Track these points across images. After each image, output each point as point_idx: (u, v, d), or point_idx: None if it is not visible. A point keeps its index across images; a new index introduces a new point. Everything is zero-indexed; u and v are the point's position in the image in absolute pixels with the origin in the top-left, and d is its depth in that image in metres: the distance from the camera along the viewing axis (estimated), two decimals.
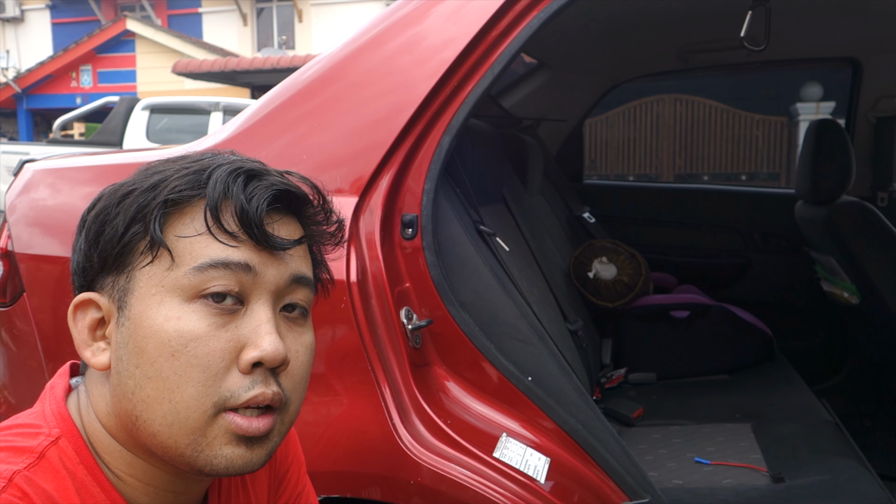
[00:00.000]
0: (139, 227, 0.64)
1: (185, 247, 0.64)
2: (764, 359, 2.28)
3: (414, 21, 1.26)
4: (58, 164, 1.49)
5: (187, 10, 17.99)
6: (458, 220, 1.28)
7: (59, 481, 0.62)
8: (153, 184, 0.66)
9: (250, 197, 0.65)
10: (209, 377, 0.62)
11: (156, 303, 0.64)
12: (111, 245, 0.65)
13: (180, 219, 0.65)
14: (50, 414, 0.67)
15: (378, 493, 1.10)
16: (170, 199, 0.64)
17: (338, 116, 1.23)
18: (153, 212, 0.64)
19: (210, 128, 8.32)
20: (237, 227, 0.64)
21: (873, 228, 2.05)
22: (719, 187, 3.74)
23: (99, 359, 0.66)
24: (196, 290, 0.63)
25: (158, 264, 0.64)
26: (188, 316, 0.63)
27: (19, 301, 1.37)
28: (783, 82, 9.74)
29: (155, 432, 0.63)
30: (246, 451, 0.64)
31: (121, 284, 0.65)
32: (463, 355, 1.18)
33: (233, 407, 0.63)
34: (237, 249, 0.64)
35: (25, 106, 16.65)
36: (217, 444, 0.63)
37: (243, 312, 0.65)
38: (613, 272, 2.28)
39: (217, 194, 0.64)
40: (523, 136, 2.35)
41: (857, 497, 1.43)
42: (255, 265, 0.65)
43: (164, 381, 0.62)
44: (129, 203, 0.65)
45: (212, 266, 0.63)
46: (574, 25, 2.29)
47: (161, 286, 0.64)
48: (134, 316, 0.64)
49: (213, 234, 0.64)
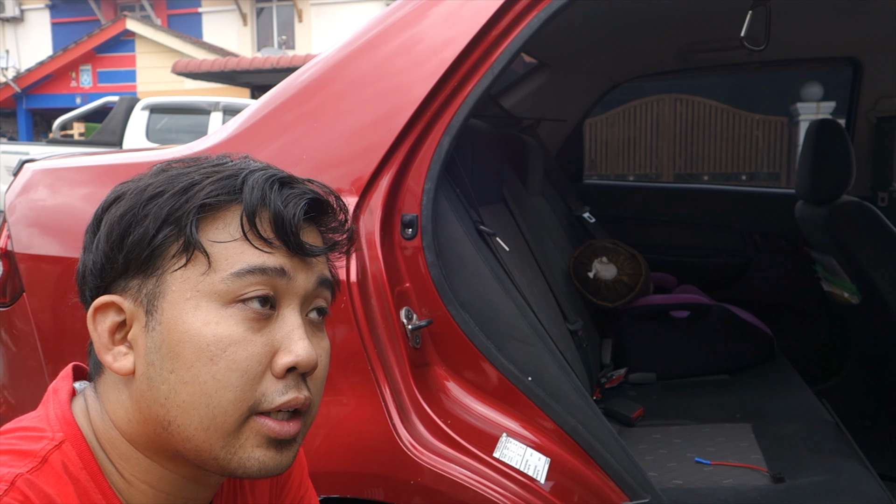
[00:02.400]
0: (171, 230, 0.64)
1: (220, 251, 0.64)
2: (764, 359, 2.28)
3: (413, 22, 1.26)
4: (57, 164, 1.48)
5: (187, 9, 17.99)
6: (458, 220, 1.28)
7: (61, 486, 0.62)
8: (184, 187, 0.65)
9: (286, 204, 0.66)
10: (247, 381, 0.63)
11: (191, 307, 0.63)
12: (140, 247, 0.64)
13: (213, 223, 0.65)
14: (54, 418, 0.66)
15: (378, 494, 1.10)
16: (206, 203, 0.64)
17: (337, 117, 1.23)
18: (188, 215, 0.64)
19: (210, 128, 8.32)
20: (272, 233, 0.65)
21: (873, 228, 2.05)
22: (719, 187, 3.74)
23: (122, 363, 0.65)
24: (234, 296, 0.64)
25: (192, 268, 0.64)
26: (226, 321, 0.63)
27: (19, 301, 1.37)
28: (783, 82, 9.74)
29: (190, 436, 0.63)
30: (276, 454, 0.65)
31: (149, 288, 0.65)
32: (463, 355, 1.18)
33: (265, 410, 0.64)
34: (272, 255, 0.65)
35: (25, 106, 16.65)
36: (249, 446, 0.64)
37: (275, 318, 0.66)
38: (613, 272, 2.28)
39: (254, 201, 0.65)
40: (523, 136, 2.34)
41: (857, 497, 1.43)
42: (289, 270, 0.66)
43: (201, 386, 0.63)
44: (161, 205, 0.64)
45: (250, 272, 0.64)
46: (574, 25, 2.29)
47: (196, 290, 0.64)
48: (167, 320, 0.64)
49: (249, 239, 0.65)
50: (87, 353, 0.73)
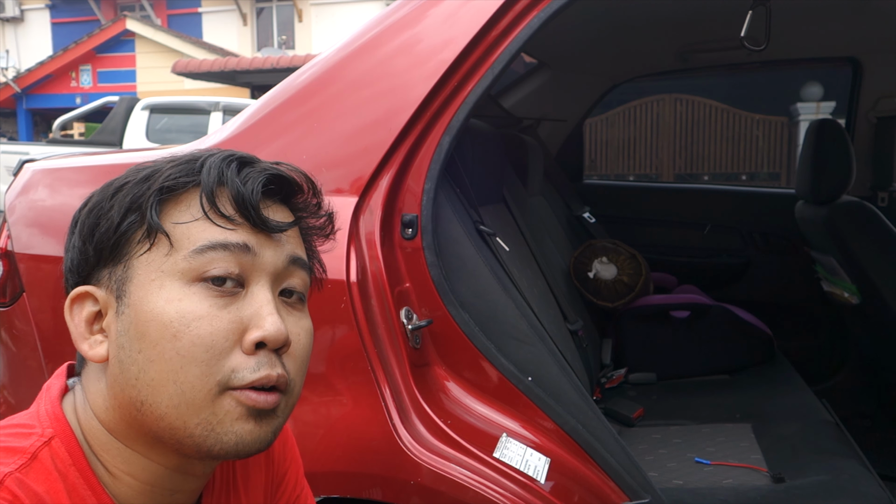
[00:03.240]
0: (135, 217, 0.65)
1: (182, 232, 0.65)
2: (764, 359, 2.28)
3: (413, 22, 1.26)
4: (57, 164, 1.48)
5: (187, 9, 17.99)
6: (458, 220, 1.28)
7: (50, 483, 0.62)
8: (146, 175, 0.67)
9: (245, 181, 0.66)
10: (213, 356, 0.63)
11: (156, 287, 0.64)
12: (107, 237, 0.66)
13: (175, 206, 0.66)
14: (44, 414, 0.67)
15: (378, 494, 1.10)
16: (165, 186, 0.65)
17: (337, 117, 1.23)
18: (148, 199, 0.65)
19: (210, 128, 8.32)
20: (234, 210, 0.66)
21: (873, 228, 2.05)
22: (719, 187, 3.74)
23: (97, 351, 0.67)
24: (196, 273, 0.64)
25: (156, 251, 0.65)
26: (189, 298, 0.64)
27: (19, 301, 1.37)
28: (783, 82, 9.74)
29: (162, 414, 0.63)
30: (255, 427, 0.65)
31: (118, 275, 0.66)
32: (463, 355, 1.18)
33: (238, 387, 0.64)
34: (234, 232, 0.66)
35: (25, 106, 16.65)
36: (228, 420, 0.64)
37: (244, 295, 0.66)
38: (613, 272, 2.27)
39: (212, 180, 0.66)
40: (523, 136, 2.34)
41: (857, 497, 1.43)
42: (253, 246, 0.66)
43: (167, 363, 0.63)
44: (123, 195, 0.66)
45: (211, 248, 0.64)
46: (574, 25, 2.29)
47: (160, 271, 0.64)
48: (134, 302, 0.65)
49: (210, 218, 0.65)
50: None
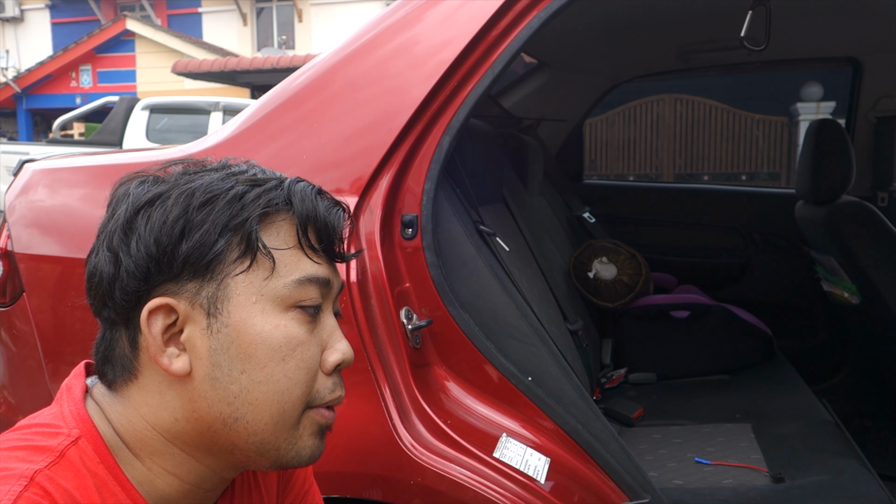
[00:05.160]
0: (231, 236, 0.67)
1: (279, 258, 0.69)
2: (764, 359, 2.28)
3: (412, 23, 1.26)
4: (57, 164, 1.48)
5: (187, 9, 17.99)
6: (458, 220, 1.28)
7: (79, 480, 0.62)
8: (237, 194, 0.68)
9: (328, 213, 0.72)
10: (311, 378, 0.69)
11: (258, 310, 0.67)
12: (200, 252, 0.66)
13: (266, 231, 0.69)
14: (69, 414, 0.67)
15: (378, 494, 1.10)
16: (267, 211, 0.68)
17: (337, 117, 1.23)
18: (251, 222, 0.67)
19: (210, 128, 8.32)
20: (318, 241, 0.71)
21: (873, 228, 2.05)
22: (719, 187, 3.74)
23: (178, 365, 0.67)
24: (293, 301, 0.69)
25: (255, 273, 0.68)
26: (290, 323, 0.68)
27: (19, 301, 1.37)
28: (783, 82, 9.74)
29: (258, 431, 0.68)
30: (321, 442, 0.72)
31: (210, 291, 0.67)
32: (463, 355, 1.18)
33: (316, 405, 0.71)
34: (321, 266, 0.71)
35: (25, 106, 16.64)
36: (305, 435, 0.70)
37: (318, 320, 0.72)
38: (613, 272, 2.27)
39: (306, 210, 0.70)
40: (523, 136, 2.34)
41: (857, 497, 1.43)
42: (331, 279, 0.72)
43: (275, 384, 0.67)
44: (217, 212, 0.67)
45: (309, 281, 0.69)
46: (574, 25, 2.29)
47: (261, 294, 0.68)
48: (235, 323, 0.67)
49: (303, 247, 0.70)
50: (88, 352, 0.73)
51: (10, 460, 0.61)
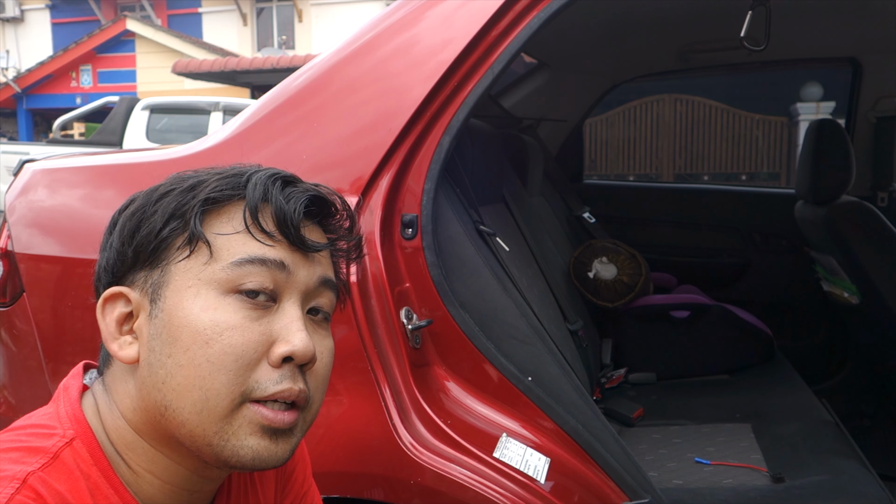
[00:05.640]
0: (178, 224, 0.67)
1: (223, 243, 0.67)
2: (764, 359, 2.28)
3: (411, 23, 1.26)
4: (57, 164, 1.48)
5: (187, 10, 17.98)
6: (458, 220, 1.28)
7: (72, 482, 0.62)
8: (191, 185, 0.69)
9: (288, 199, 0.69)
10: (241, 366, 0.65)
11: (192, 294, 0.66)
12: (148, 240, 0.67)
13: (218, 217, 0.68)
14: (64, 415, 0.67)
15: (378, 494, 1.10)
16: (210, 197, 0.68)
17: (337, 117, 1.23)
18: (193, 209, 0.67)
19: (210, 128, 8.32)
20: (274, 227, 0.68)
21: (873, 228, 2.05)
22: (719, 187, 3.74)
23: (126, 352, 0.68)
24: (232, 285, 0.66)
25: (195, 259, 0.67)
26: (224, 307, 0.65)
27: (19, 301, 1.37)
28: (783, 82, 9.74)
29: (184, 420, 0.65)
30: (271, 444, 0.66)
31: (154, 278, 0.67)
32: (463, 355, 1.18)
33: (259, 398, 0.65)
34: (273, 248, 0.68)
35: (25, 106, 16.64)
36: (243, 433, 0.65)
37: (275, 310, 0.68)
38: (613, 272, 2.27)
39: (257, 195, 0.68)
40: (523, 136, 2.34)
41: (857, 497, 1.43)
42: (289, 264, 0.68)
43: (196, 369, 0.64)
44: (168, 201, 0.68)
45: (249, 262, 0.66)
46: (574, 25, 2.29)
47: (198, 279, 0.66)
48: (168, 307, 0.66)
49: (252, 232, 0.68)
50: (91, 351, 0.74)
51: (4, 462, 0.61)
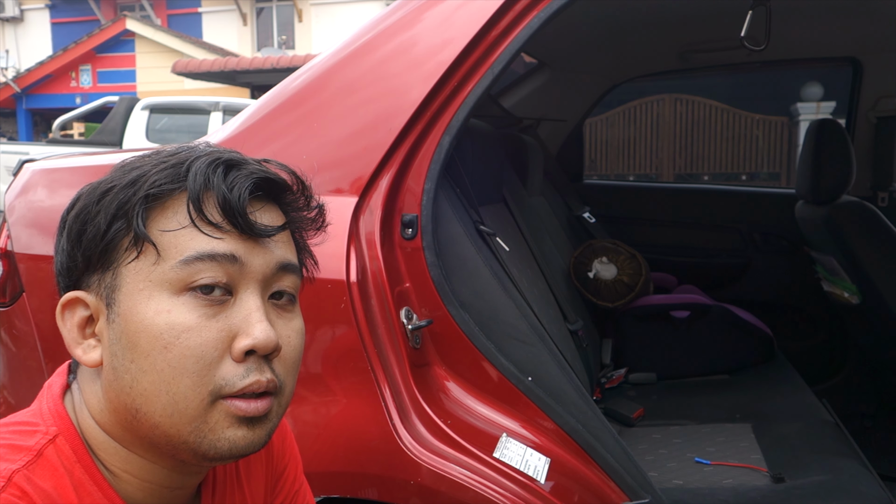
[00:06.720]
0: (122, 224, 0.64)
1: (169, 240, 0.64)
2: (764, 359, 2.28)
3: (411, 23, 1.26)
4: (57, 164, 1.48)
5: (187, 9, 17.98)
6: (458, 220, 1.28)
7: (57, 479, 0.62)
8: (132, 180, 0.66)
9: (231, 186, 0.65)
10: (203, 367, 0.63)
11: (144, 297, 0.64)
12: (94, 243, 0.65)
13: (162, 213, 0.65)
14: (47, 412, 0.67)
15: (377, 494, 1.10)
16: (150, 193, 0.64)
17: (337, 118, 1.23)
18: (135, 207, 0.64)
19: (210, 128, 8.32)
20: (221, 217, 0.65)
21: (873, 228, 2.05)
22: (719, 187, 3.74)
23: (90, 356, 0.67)
24: (184, 283, 0.64)
25: (144, 259, 0.64)
26: (178, 308, 0.63)
27: (19, 301, 1.37)
28: (783, 82, 9.74)
29: (156, 423, 0.64)
30: (248, 432, 0.65)
31: (107, 282, 0.65)
32: (463, 355, 1.18)
33: (229, 395, 0.64)
34: (222, 241, 0.65)
35: (25, 106, 16.64)
36: (219, 428, 0.64)
37: (232, 302, 0.66)
38: (613, 272, 2.27)
39: (198, 186, 0.64)
40: (523, 136, 2.34)
41: (857, 497, 1.43)
42: (241, 255, 0.65)
43: (159, 374, 0.63)
44: (110, 200, 0.65)
45: (198, 259, 0.64)
46: (574, 25, 2.28)
47: (148, 281, 0.64)
48: (123, 312, 0.64)
49: (198, 226, 0.64)
50: None
51: None
